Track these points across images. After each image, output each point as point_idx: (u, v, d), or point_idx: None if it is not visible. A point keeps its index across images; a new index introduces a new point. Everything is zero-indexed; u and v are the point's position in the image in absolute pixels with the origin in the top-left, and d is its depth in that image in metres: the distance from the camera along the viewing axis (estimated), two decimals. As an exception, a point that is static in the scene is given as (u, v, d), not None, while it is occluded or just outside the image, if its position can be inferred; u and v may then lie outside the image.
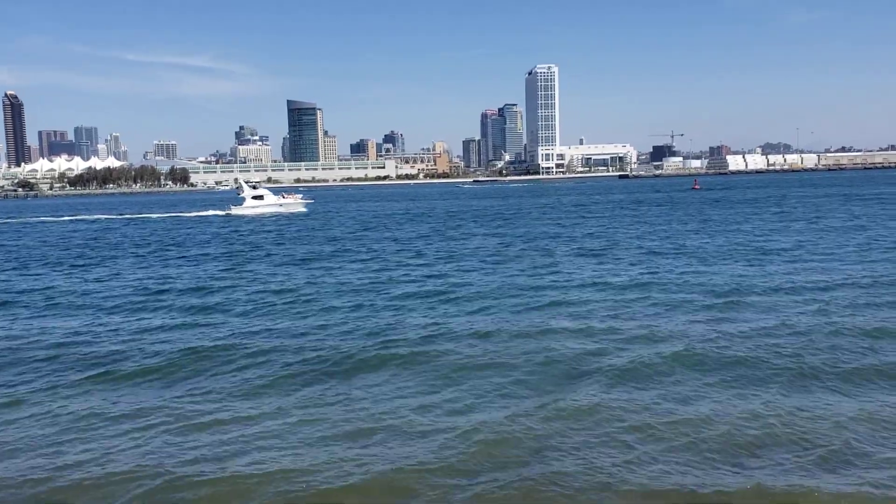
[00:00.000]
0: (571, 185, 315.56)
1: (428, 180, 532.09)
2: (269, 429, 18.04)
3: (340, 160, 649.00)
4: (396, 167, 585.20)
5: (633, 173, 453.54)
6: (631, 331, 26.77)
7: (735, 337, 25.20)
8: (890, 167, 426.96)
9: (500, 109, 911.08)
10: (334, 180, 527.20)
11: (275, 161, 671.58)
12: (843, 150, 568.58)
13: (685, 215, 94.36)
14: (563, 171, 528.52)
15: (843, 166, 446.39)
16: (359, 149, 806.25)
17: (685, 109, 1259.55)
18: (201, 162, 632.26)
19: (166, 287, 42.27)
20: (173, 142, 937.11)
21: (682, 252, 51.46)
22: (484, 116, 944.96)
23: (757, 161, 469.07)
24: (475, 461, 15.75)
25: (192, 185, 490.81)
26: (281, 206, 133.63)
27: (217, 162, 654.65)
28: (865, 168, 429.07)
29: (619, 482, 14.55)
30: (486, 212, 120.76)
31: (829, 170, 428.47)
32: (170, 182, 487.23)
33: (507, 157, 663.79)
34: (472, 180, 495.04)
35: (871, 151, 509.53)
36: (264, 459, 16.23)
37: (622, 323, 28.30)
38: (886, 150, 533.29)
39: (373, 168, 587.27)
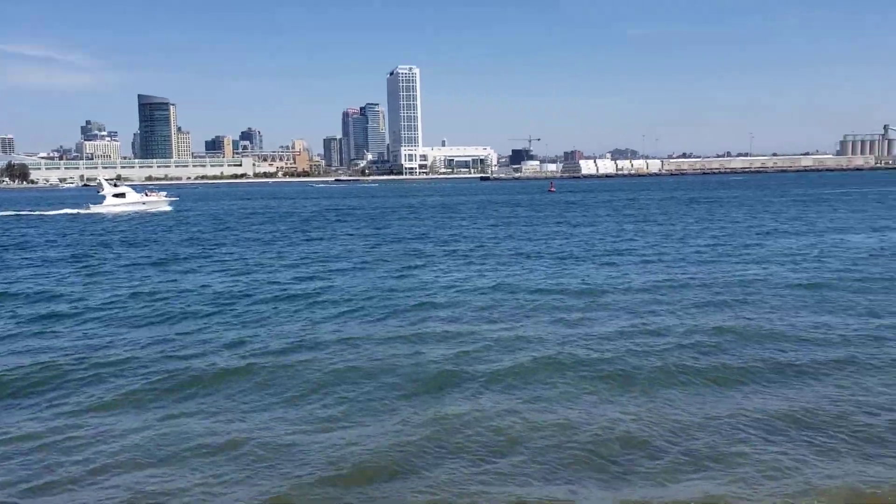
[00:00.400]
0: (435, 186, 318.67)
1: (287, 179, 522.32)
2: (127, 447, 16.90)
3: (195, 157, 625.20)
4: (254, 165, 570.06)
5: (494, 175, 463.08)
6: (499, 333, 27.16)
7: (600, 338, 26.05)
8: (725, 172, 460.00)
9: (362, 108, 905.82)
10: (188, 178, 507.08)
11: (125, 158, 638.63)
12: (683, 156, 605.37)
13: (546, 217, 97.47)
14: (426, 172, 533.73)
15: (685, 171, 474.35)
16: (214, 146, 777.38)
17: (542, 115, 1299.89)
18: (43, 157, 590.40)
19: (7, 292, 39.03)
20: (10, 135, 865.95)
21: (545, 253, 52.98)
22: (345, 115, 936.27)
23: (607, 165, 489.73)
24: (348, 474, 15.35)
25: (32, 182, 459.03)
26: (144, 204, 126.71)
27: (61, 158, 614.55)
28: (704, 173, 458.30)
29: (491, 491, 14.59)
30: (353, 212, 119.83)
31: (672, 174, 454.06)
32: (6, 179, 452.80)
33: (370, 157, 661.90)
34: (333, 179, 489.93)
35: (708, 158, 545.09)
36: (123, 480, 15.19)
37: (490, 325, 28.68)
38: (722, 156, 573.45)
39: (229, 166, 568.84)
